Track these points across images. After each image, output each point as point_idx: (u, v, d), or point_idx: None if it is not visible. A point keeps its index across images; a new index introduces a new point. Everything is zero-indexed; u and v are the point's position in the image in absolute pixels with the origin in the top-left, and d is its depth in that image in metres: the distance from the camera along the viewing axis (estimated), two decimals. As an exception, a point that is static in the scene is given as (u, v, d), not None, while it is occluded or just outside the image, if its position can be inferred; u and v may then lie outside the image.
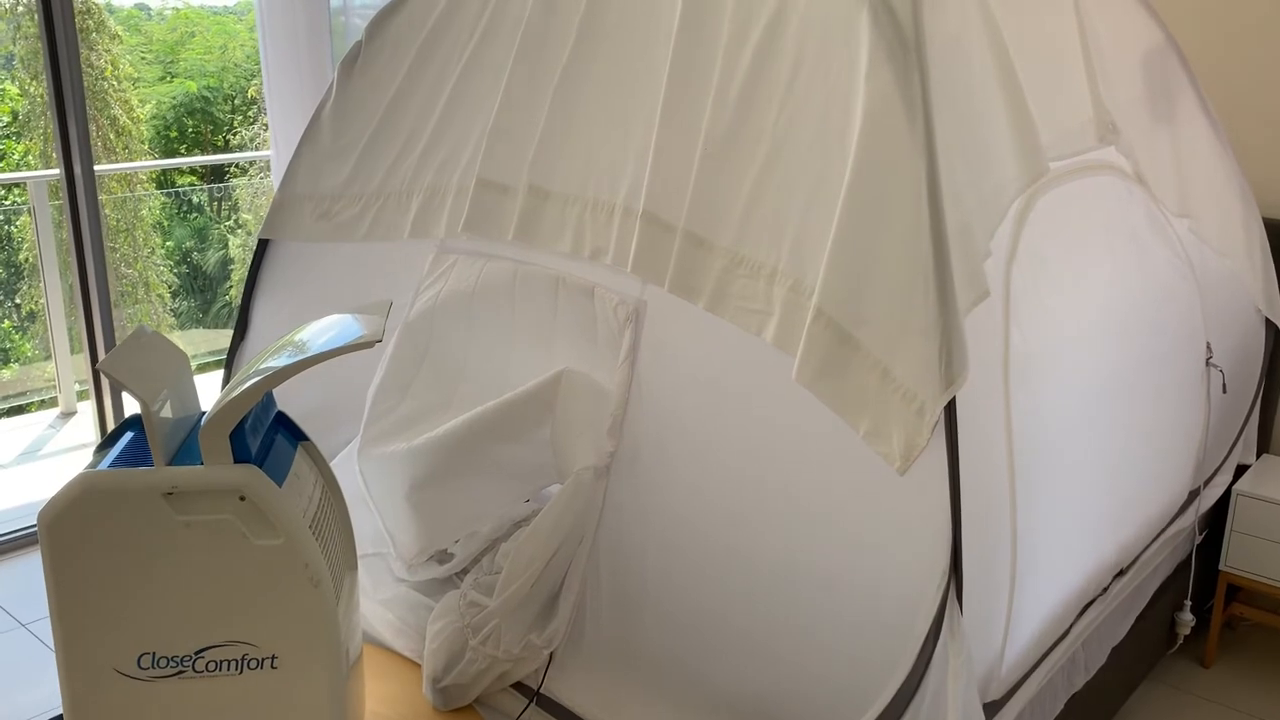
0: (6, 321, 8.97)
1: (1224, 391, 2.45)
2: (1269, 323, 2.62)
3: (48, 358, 5.11)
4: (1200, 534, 2.46)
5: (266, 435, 1.50)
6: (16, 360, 8.64)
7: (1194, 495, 2.40)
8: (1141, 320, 2.13)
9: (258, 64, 3.58)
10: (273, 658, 1.42)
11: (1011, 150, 1.65)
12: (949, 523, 1.41)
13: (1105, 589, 2.03)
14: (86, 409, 4.29)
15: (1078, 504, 1.90)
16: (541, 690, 1.78)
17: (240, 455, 1.38)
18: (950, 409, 1.39)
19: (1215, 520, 2.55)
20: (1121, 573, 2.09)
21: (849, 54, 1.49)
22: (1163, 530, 2.27)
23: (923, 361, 1.38)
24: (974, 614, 1.49)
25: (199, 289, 10.14)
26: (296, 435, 1.59)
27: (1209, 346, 2.37)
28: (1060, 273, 1.87)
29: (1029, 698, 1.78)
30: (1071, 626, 1.91)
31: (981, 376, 1.50)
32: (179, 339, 9.17)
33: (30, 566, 3.03)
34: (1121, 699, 2.35)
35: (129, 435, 1.50)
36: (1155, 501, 2.23)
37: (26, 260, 8.77)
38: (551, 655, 1.78)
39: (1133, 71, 2.16)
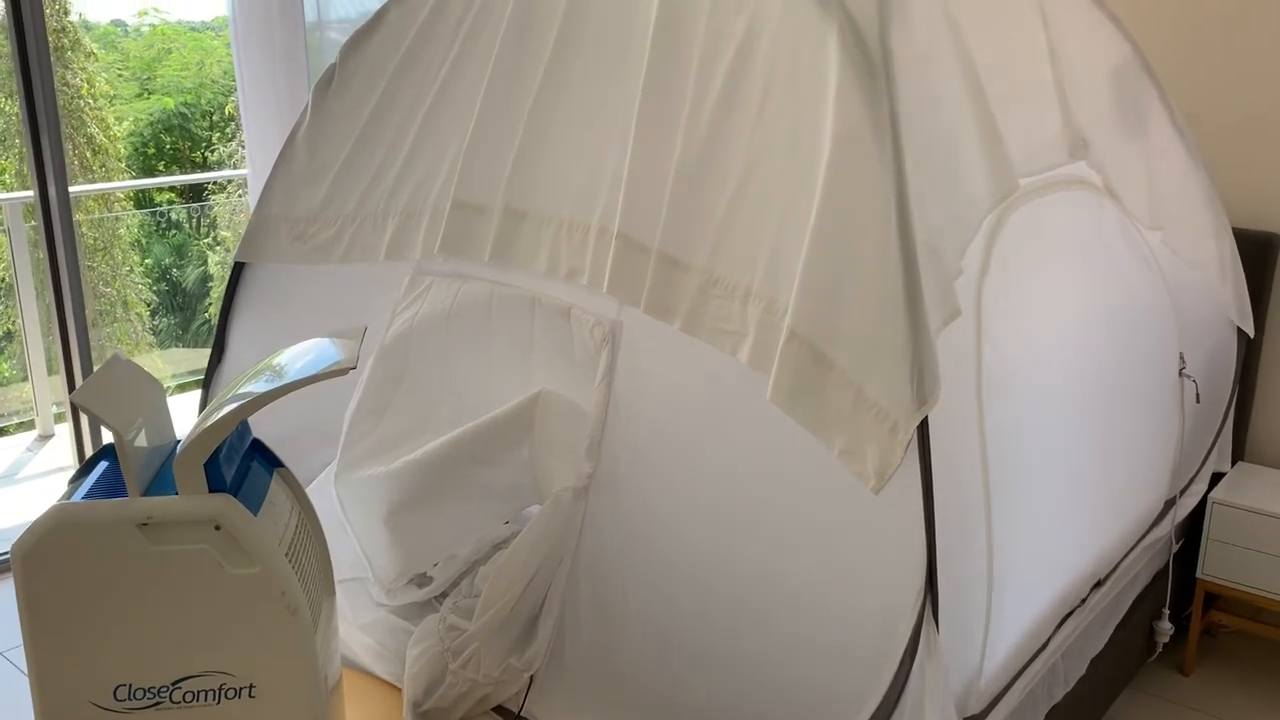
0: (-17, 342, 8.90)
1: (1197, 401, 2.47)
2: (1240, 332, 2.64)
3: (25, 379, 5.08)
4: (1177, 543, 2.48)
5: (241, 463, 1.49)
6: (-6, 381, 8.57)
7: (1170, 504, 2.42)
8: (1115, 333, 2.15)
9: (235, 80, 3.57)
10: (250, 686, 1.42)
11: (981, 167, 1.66)
12: (924, 540, 1.41)
13: (1083, 600, 2.04)
14: (64, 431, 4.26)
15: (1054, 516, 1.91)
16: (522, 713, 1.78)
17: (215, 484, 1.38)
18: (924, 427, 1.40)
19: (1192, 529, 2.57)
20: (1099, 583, 2.10)
21: (818, 75, 1.50)
22: (1140, 540, 2.29)
23: (895, 381, 1.39)
24: (951, 629, 1.50)
25: (178, 306, 10.08)
26: (272, 462, 1.58)
27: (1182, 357, 2.39)
28: (1033, 288, 1.88)
29: (1009, 711, 1.79)
30: (1050, 638, 1.92)
31: (955, 394, 1.51)
32: (159, 358, 9.12)
33: (6, 592, 3.00)
34: (1102, 709, 2.36)
35: (103, 465, 1.49)
36: (1132, 511, 2.24)
37: (2, 280, 8.71)
38: (532, 678, 1.78)
39: (1102, 86, 2.18)
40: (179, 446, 1.39)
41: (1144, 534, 2.30)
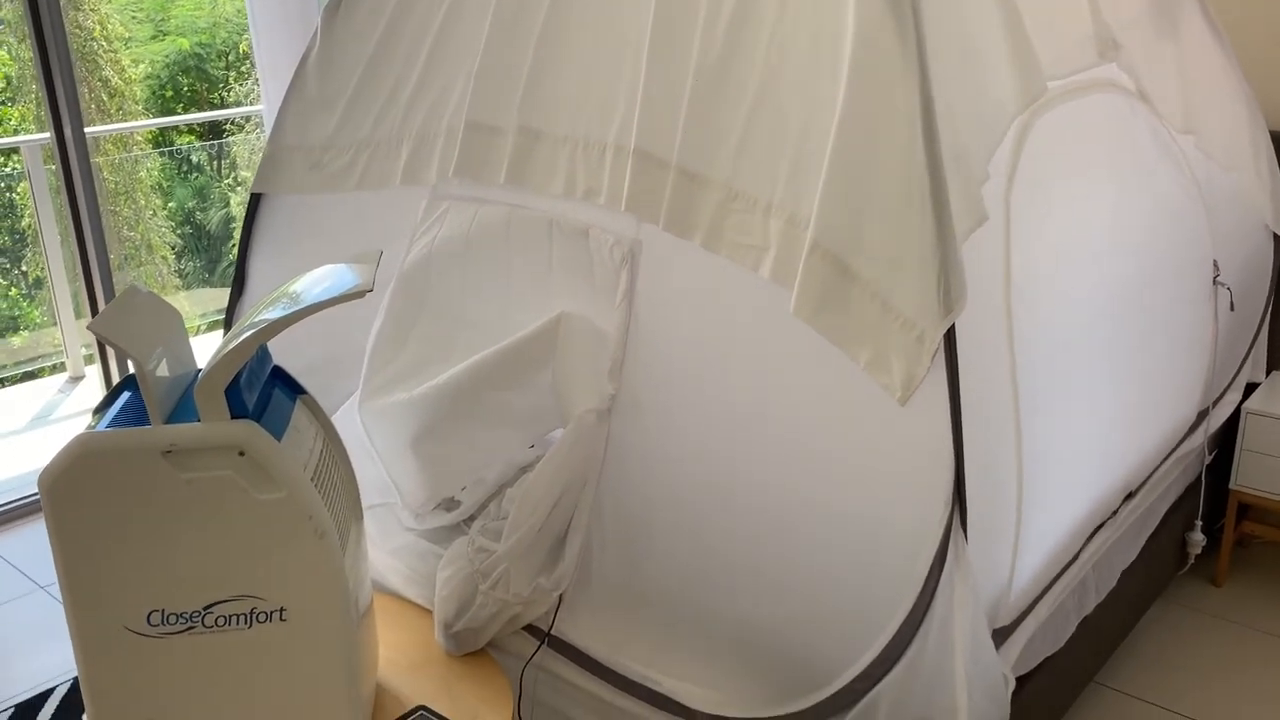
0: (14, 289, 8.99)
1: (1231, 309, 2.42)
2: (1278, 239, 2.58)
3: (55, 324, 5.12)
4: (1210, 453, 2.46)
5: (263, 390, 1.49)
6: (25, 327, 8.67)
7: (1203, 415, 2.38)
8: (1146, 239, 2.10)
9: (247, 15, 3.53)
10: (281, 610, 1.43)
11: (1008, 70, 1.61)
12: (951, 451, 1.40)
13: (1114, 512, 2.02)
14: (94, 373, 4.30)
15: (1084, 427, 1.88)
16: (552, 632, 1.79)
17: (237, 411, 1.38)
18: (950, 336, 1.38)
19: (1225, 439, 2.54)
20: (1131, 495, 2.08)
21: (838, -23, 1.45)
22: (1172, 451, 2.26)
23: (921, 290, 1.36)
24: (980, 541, 1.49)
25: (203, 249, 10.12)
26: (294, 389, 1.58)
27: (1216, 264, 2.33)
28: (1061, 194, 1.84)
29: (1039, 622, 1.78)
30: (1081, 550, 1.91)
31: (982, 302, 1.48)
32: (185, 299, 9.18)
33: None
34: (1133, 620, 2.35)
35: (126, 395, 1.49)
36: (1164, 422, 2.21)
37: (29, 226, 8.76)
38: (561, 597, 1.79)
39: (1134, -16, 2.11)
40: (199, 375, 1.38)
41: (1176, 445, 2.27)
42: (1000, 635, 1.66)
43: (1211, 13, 2.36)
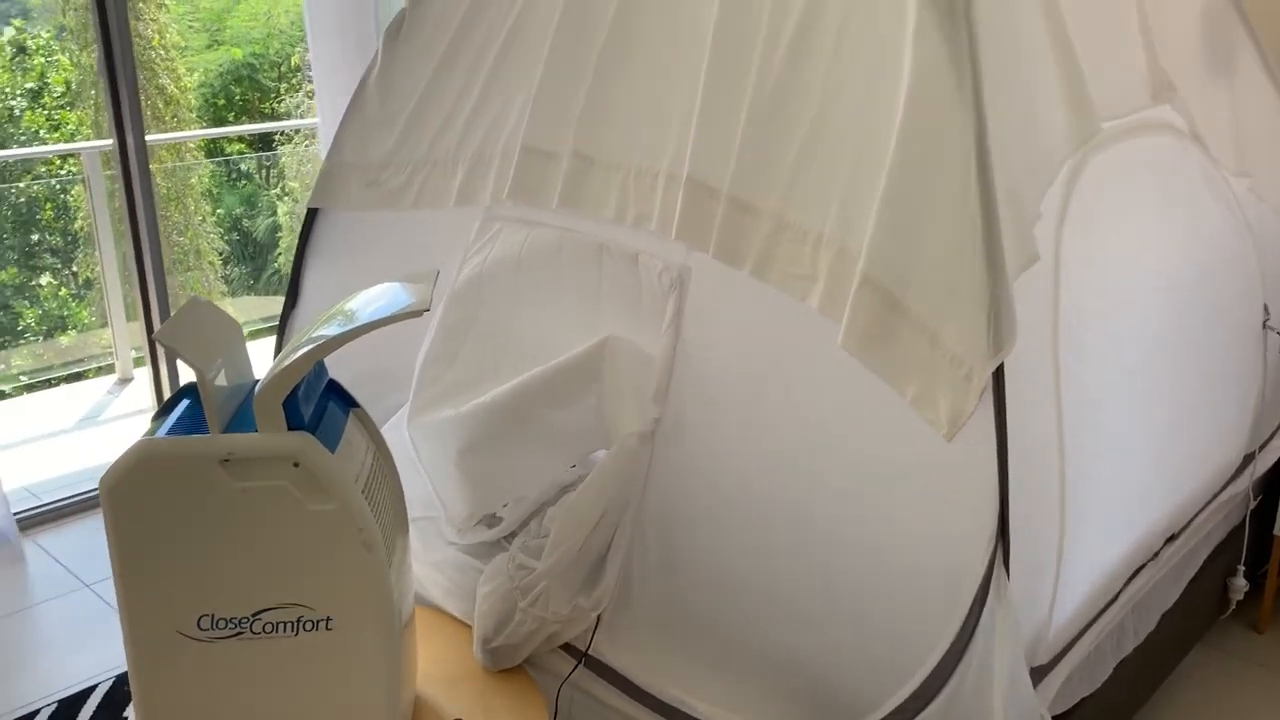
0: (64, 289, 9.16)
1: (1281, 354, 2.40)
2: (1329, 283, 2.56)
3: (104, 325, 5.22)
4: (1255, 498, 2.43)
5: (319, 402, 1.52)
6: (74, 327, 8.84)
7: (1249, 459, 2.36)
8: (1196, 282, 2.09)
9: (302, 30, 3.60)
10: (328, 619, 1.46)
11: (1062, 110, 1.62)
12: (996, 488, 1.40)
13: (1156, 554, 2.01)
14: (143, 375, 4.38)
15: (1128, 468, 1.88)
16: (589, 651, 1.81)
17: (294, 422, 1.41)
18: (999, 374, 1.38)
19: (1270, 485, 2.51)
20: (1173, 537, 2.07)
21: (895, 14, 1.47)
22: (1216, 494, 2.24)
23: (971, 327, 1.37)
24: (1021, 578, 1.49)
25: (249, 256, 10.27)
26: (348, 402, 1.61)
27: (1266, 309, 2.32)
28: (1112, 234, 1.84)
29: (1077, 662, 1.77)
30: (1121, 591, 1.90)
31: (1030, 341, 1.49)
32: (230, 306, 9.33)
33: (93, 529, 3.12)
34: (1172, 664, 2.33)
35: (185, 403, 1.53)
36: (1209, 465, 2.20)
37: (81, 229, 8.94)
38: (599, 618, 1.81)
39: (1190, 28, 2.11)
40: (258, 386, 1.42)
41: (1221, 488, 2.25)
42: (1038, 674, 1.65)
43: (1267, 55, 2.35)
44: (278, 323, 2.41)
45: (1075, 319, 1.67)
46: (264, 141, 10.96)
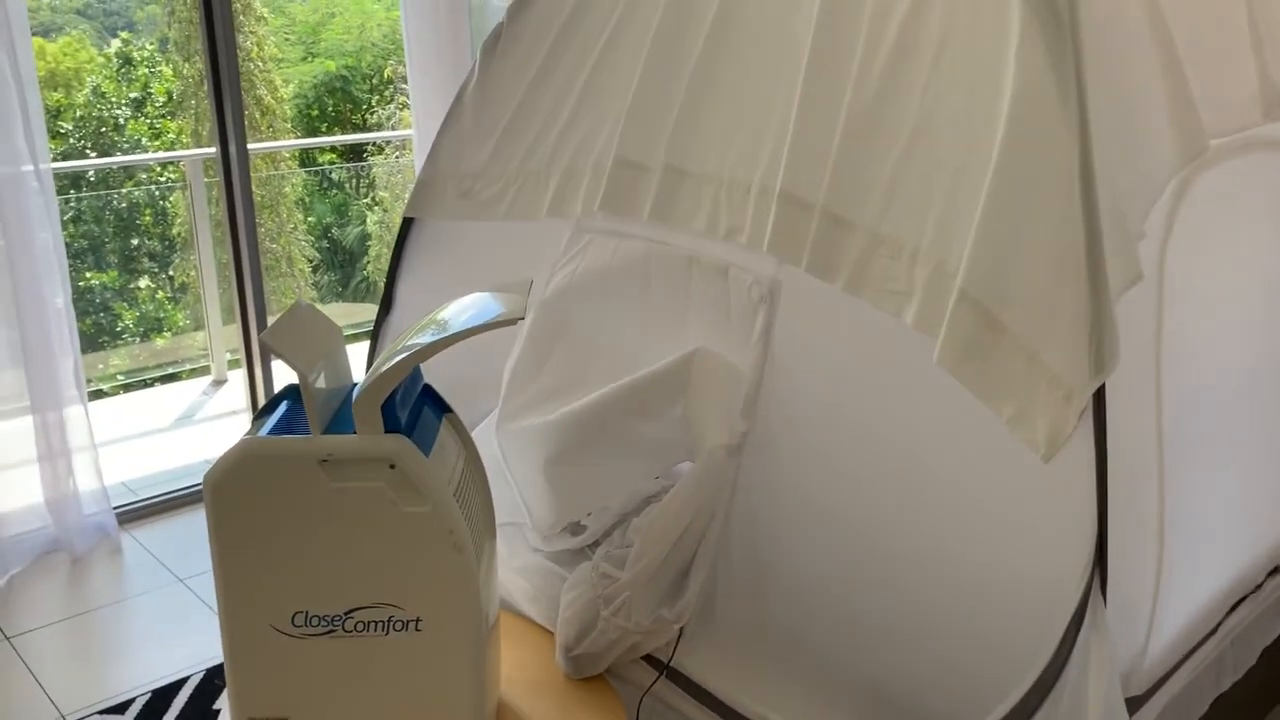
0: (161, 292, 9.48)
1: (1395, 382, 2.31)
2: None
3: (198, 328, 5.37)
4: (1363, 532, 2.33)
5: (414, 407, 1.55)
6: (169, 330, 9.13)
7: (1358, 491, 2.27)
8: (1305, 305, 2.02)
9: (394, 43, 3.70)
10: (417, 620, 1.48)
11: (1169, 127, 1.58)
12: (1094, 512, 1.37)
13: (1259, 585, 1.94)
14: (236, 377, 4.51)
15: (1231, 495, 1.82)
16: (671, 664, 1.81)
17: (390, 426, 1.44)
18: (1099, 395, 1.35)
19: (1380, 518, 2.41)
20: (1276, 570, 2.00)
21: (999, 28, 1.45)
22: (1323, 527, 2.16)
23: (1072, 346, 1.34)
24: (1118, 606, 1.45)
25: (339, 264, 10.51)
26: (442, 407, 1.64)
27: (1379, 334, 2.23)
28: (1218, 254, 1.79)
29: (1172, 695, 1.72)
30: (1221, 623, 1.84)
31: (1132, 361, 1.45)
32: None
33: (187, 525, 3.21)
34: (1271, 704, 2.25)
35: (285, 404, 1.57)
36: (1315, 496, 2.12)
37: (179, 234, 9.23)
38: (682, 630, 1.81)
39: (1303, 43, 2.04)
40: (356, 389, 1.45)
41: (1328, 521, 2.17)
42: (1132, 705, 1.60)
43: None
44: (368, 329, 2.47)
45: (1179, 340, 1.62)
46: (355, 152, 11.22)
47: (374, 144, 10.99)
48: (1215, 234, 1.78)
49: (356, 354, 2.48)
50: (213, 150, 3.42)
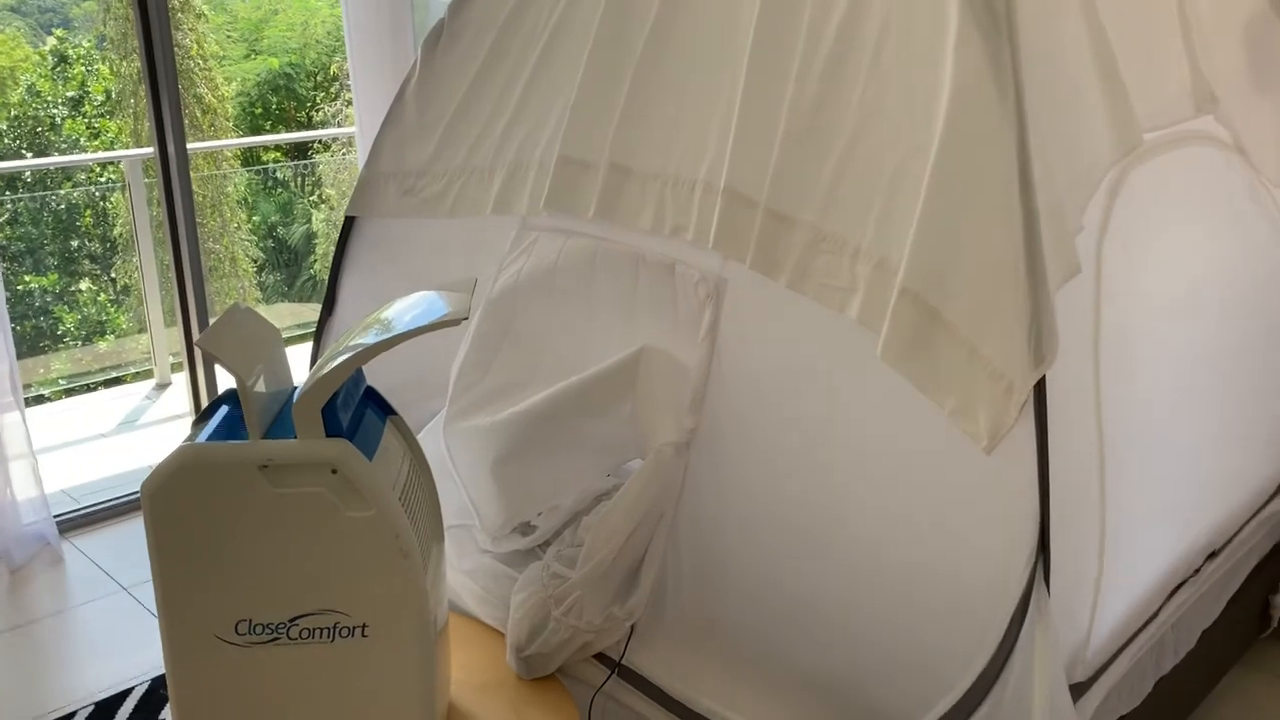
0: (103, 295, 9.30)
1: (1326, 369, 2.37)
2: (1375, 297, 2.51)
3: (141, 330, 5.28)
4: (1298, 516, 2.39)
5: (357, 410, 1.53)
6: (112, 333, 8.96)
7: (1292, 476, 2.33)
8: (1239, 295, 2.06)
9: (339, 40, 3.65)
10: (364, 626, 1.46)
11: (1105, 121, 1.61)
12: (1037, 503, 1.39)
13: (1197, 571, 1.98)
14: (180, 380, 4.43)
15: (1169, 484, 1.85)
16: (623, 661, 1.80)
17: (332, 429, 1.42)
18: (1040, 387, 1.37)
19: (1314, 502, 2.47)
20: (1214, 554, 2.04)
21: (936, 26, 1.46)
22: (1258, 511, 2.21)
23: (1012, 339, 1.36)
24: (1060, 595, 1.47)
25: (284, 263, 10.37)
26: (385, 410, 1.62)
27: (1310, 322, 2.28)
28: (1154, 247, 1.82)
29: (1115, 680, 1.75)
30: (1161, 608, 1.87)
31: (1071, 354, 1.48)
32: (265, 312, 9.41)
33: (131, 532, 3.15)
34: (1212, 683, 2.30)
35: (224, 409, 1.54)
36: (1250, 482, 2.17)
37: (120, 235, 9.06)
38: (633, 628, 1.80)
39: (1233, 39, 2.09)
40: (297, 393, 1.43)
41: (1263, 505, 2.22)
42: (1077, 690, 1.63)
43: (1312, 66, 2.32)
44: (313, 329, 2.43)
45: (1116, 332, 1.65)
46: (299, 150, 11.08)
47: (319, 142, 10.85)
48: (1150, 228, 1.81)
49: (303, 355, 2.45)
50: (151, 150, 3.36)
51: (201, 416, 1.55)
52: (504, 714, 1.72)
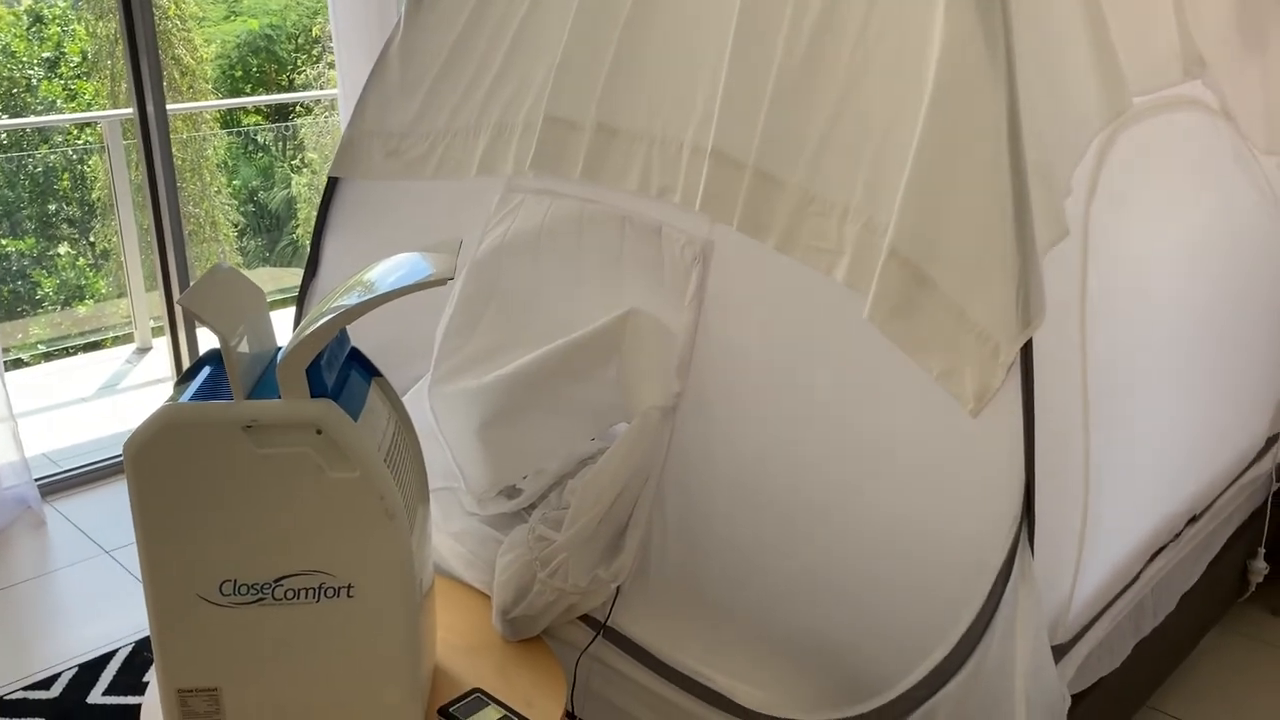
0: (82, 259, 9.19)
1: (1307, 335, 2.38)
2: (1357, 265, 2.53)
3: (121, 295, 5.23)
4: (1277, 481, 2.41)
5: (341, 371, 1.52)
6: (91, 297, 8.87)
7: (1272, 441, 2.34)
8: (1224, 261, 2.07)
9: (320, 1, 3.58)
10: (349, 586, 1.46)
11: (1094, 85, 1.60)
12: (1022, 465, 1.39)
13: (1177, 535, 2.00)
14: (161, 344, 4.40)
15: (1152, 448, 1.86)
16: (608, 623, 1.81)
17: (317, 390, 1.41)
18: (1026, 350, 1.37)
19: (1293, 467, 2.49)
20: (1194, 518, 2.06)
21: (928, -15, 1.45)
22: (1239, 476, 2.23)
23: (999, 302, 1.35)
24: (1044, 556, 1.48)
25: (265, 228, 10.28)
26: (370, 371, 1.61)
27: (1293, 289, 2.29)
28: (1141, 211, 1.82)
29: (1096, 641, 1.77)
30: (1141, 572, 1.89)
31: (1057, 316, 1.47)
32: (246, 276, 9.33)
33: (113, 496, 3.14)
34: (1190, 646, 2.32)
35: (208, 369, 1.53)
36: (1232, 447, 2.18)
37: (99, 199, 8.96)
38: (618, 589, 1.81)
39: (1222, 3, 2.08)
40: (281, 353, 1.42)
41: (1244, 470, 2.24)
42: (1058, 652, 1.64)
43: (1300, 32, 2.31)
44: (294, 294, 2.41)
45: (1102, 296, 1.65)
46: (280, 113, 10.95)
47: (301, 105, 10.72)
48: (1138, 191, 1.81)
49: (284, 319, 2.43)
50: (130, 111, 3.31)
51: (184, 377, 1.54)
52: (490, 676, 1.72)
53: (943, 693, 1.47)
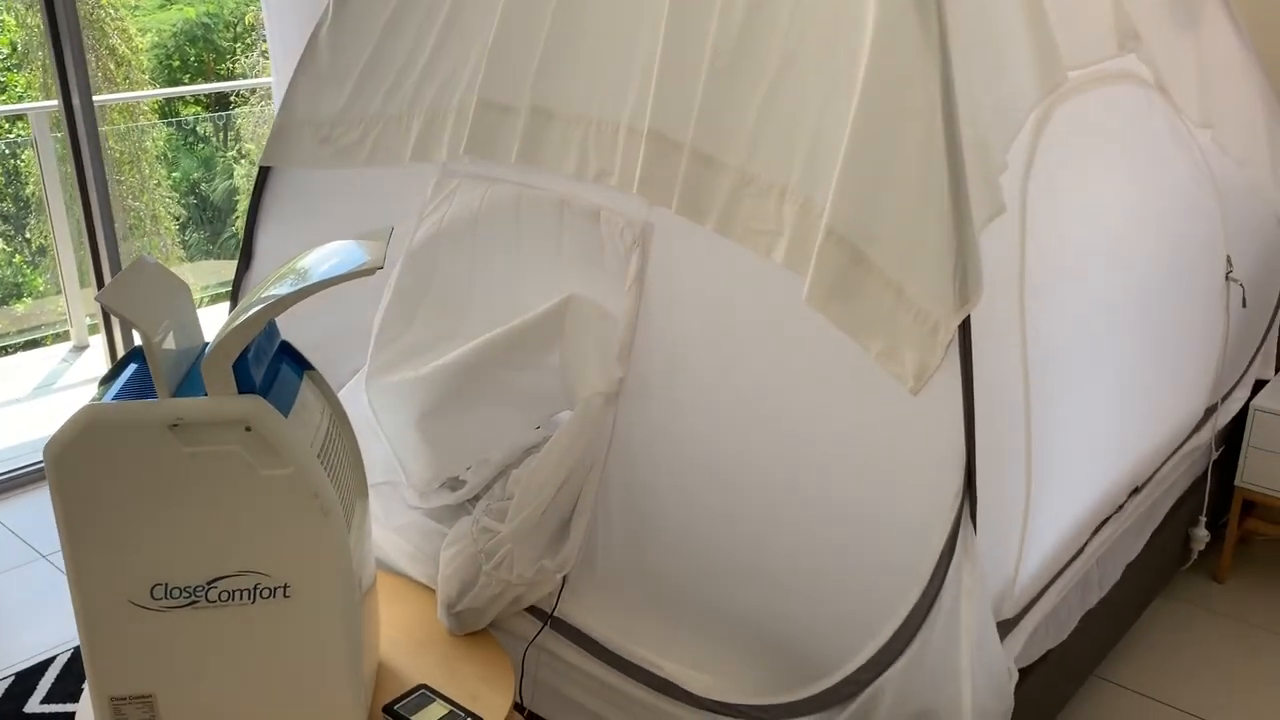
0: (18, 255, 8.97)
1: (1244, 306, 2.41)
2: (1291, 235, 2.57)
3: (59, 292, 5.10)
4: (1217, 450, 2.45)
5: (271, 365, 1.48)
6: (29, 294, 8.66)
7: (1211, 411, 2.37)
8: (1160, 233, 2.08)
9: (256, -13, 3.50)
10: (285, 586, 1.42)
11: (1029, 59, 1.59)
12: (963, 442, 1.39)
13: (1120, 506, 2.02)
14: (99, 342, 4.29)
15: (1093, 421, 1.87)
16: (555, 613, 1.79)
17: (245, 386, 1.37)
18: (965, 327, 1.37)
19: (1232, 436, 2.53)
20: (1137, 489, 2.08)
21: (860, -40, 1.43)
22: (1179, 446, 2.25)
23: (937, 280, 1.35)
24: (988, 533, 1.48)
25: (207, 220, 10.09)
26: (301, 365, 1.57)
27: (1229, 260, 2.32)
28: (1077, 185, 1.82)
29: (1043, 615, 1.78)
30: (1086, 544, 1.91)
31: (995, 293, 1.47)
32: (189, 270, 9.16)
33: (48, 499, 3.06)
34: (1135, 615, 2.35)
35: (132, 367, 1.48)
36: (1172, 418, 2.20)
37: (34, 194, 8.73)
38: (565, 579, 1.79)
39: (1155, -25, 2.09)
40: (207, 349, 1.37)
41: (1184, 440, 2.27)
42: (1004, 627, 1.65)
43: (1232, 6, 2.33)
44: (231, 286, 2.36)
45: (1041, 270, 1.65)
46: (220, 103, 10.75)
47: (239, 93, 10.52)
48: (1075, 165, 1.81)
49: (225, 313, 2.37)
50: (56, 103, 3.21)
51: (108, 376, 1.49)
52: (436, 670, 1.69)
53: (889, 673, 1.46)
